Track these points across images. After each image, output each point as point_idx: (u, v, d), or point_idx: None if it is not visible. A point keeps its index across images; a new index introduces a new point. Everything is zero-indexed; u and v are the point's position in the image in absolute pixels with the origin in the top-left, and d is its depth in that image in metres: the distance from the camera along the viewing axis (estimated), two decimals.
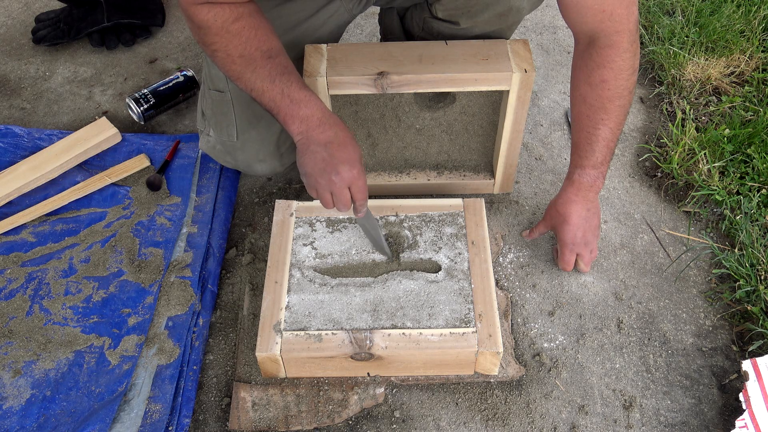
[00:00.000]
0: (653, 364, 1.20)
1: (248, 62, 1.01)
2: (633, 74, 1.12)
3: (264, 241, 1.37)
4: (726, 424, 1.12)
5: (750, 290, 1.25)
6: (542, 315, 1.26)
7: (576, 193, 1.23)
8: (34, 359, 1.16)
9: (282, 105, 1.02)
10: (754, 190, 1.42)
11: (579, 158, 1.21)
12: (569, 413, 1.14)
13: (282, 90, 1.02)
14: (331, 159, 1.03)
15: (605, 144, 1.17)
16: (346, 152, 1.03)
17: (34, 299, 1.24)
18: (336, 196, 1.06)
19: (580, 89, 1.16)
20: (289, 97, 1.02)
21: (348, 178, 1.04)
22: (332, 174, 1.03)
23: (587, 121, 1.16)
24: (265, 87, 1.02)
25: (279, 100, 1.02)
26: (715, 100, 1.64)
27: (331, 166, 1.03)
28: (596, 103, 1.14)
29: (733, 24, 1.76)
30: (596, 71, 1.12)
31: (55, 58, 1.80)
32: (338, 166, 1.03)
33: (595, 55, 1.11)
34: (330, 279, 1.19)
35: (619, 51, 1.09)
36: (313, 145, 1.03)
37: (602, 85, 1.12)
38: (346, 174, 1.03)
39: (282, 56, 1.04)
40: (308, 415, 1.12)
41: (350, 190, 1.06)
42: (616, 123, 1.15)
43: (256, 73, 1.01)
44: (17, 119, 1.64)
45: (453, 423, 1.12)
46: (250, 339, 1.21)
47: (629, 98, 1.14)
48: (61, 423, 1.09)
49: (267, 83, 1.02)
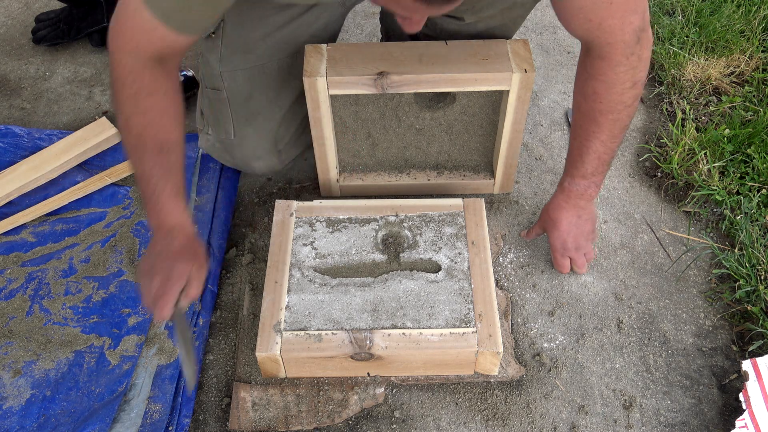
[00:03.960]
0: (653, 364, 1.20)
1: (140, 145, 1.02)
2: (631, 88, 1.06)
3: (264, 241, 1.37)
4: (726, 424, 1.12)
5: (750, 290, 1.25)
6: (542, 315, 1.26)
7: (566, 200, 1.23)
8: (34, 359, 1.16)
9: (149, 200, 1.04)
10: (754, 190, 1.42)
11: (570, 167, 1.21)
12: (569, 413, 1.14)
13: (155, 189, 1.03)
14: (167, 258, 1.04)
15: (596, 156, 1.15)
16: (183, 257, 1.03)
17: (34, 299, 1.24)
18: (157, 292, 1.03)
19: (576, 97, 1.13)
20: (157, 199, 1.03)
21: (175, 276, 1.03)
22: (161, 271, 1.03)
23: (580, 131, 1.14)
24: (144, 174, 1.03)
25: (148, 194, 1.04)
26: (715, 100, 1.64)
27: (163, 263, 1.03)
28: (588, 114, 1.11)
29: (733, 24, 1.76)
30: (589, 82, 1.08)
31: (55, 58, 1.80)
32: (172, 263, 1.03)
33: (589, 65, 1.07)
34: (330, 279, 1.19)
35: (611, 64, 1.03)
36: (158, 246, 1.05)
37: (594, 97, 1.08)
38: (176, 272, 1.03)
39: (173, 153, 1.04)
40: (308, 415, 1.12)
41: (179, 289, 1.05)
42: (609, 136, 1.12)
43: (142, 160, 1.03)
44: (17, 119, 1.64)
45: (453, 423, 1.12)
46: (250, 339, 1.21)
47: (626, 112, 1.09)
48: (61, 423, 1.09)
49: (146, 173, 1.03)
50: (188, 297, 1.04)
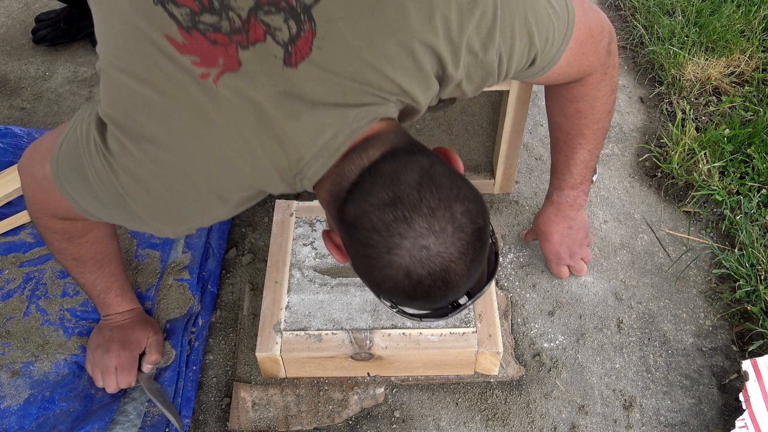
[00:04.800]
0: (653, 364, 1.20)
1: (79, 266, 1.06)
2: (611, 95, 1.05)
3: (264, 241, 1.37)
4: (726, 424, 1.12)
5: (750, 290, 1.25)
6: (542, 315, 1.26)
7: (556, 213, 1.23)
8: (32, 360, 1.16)
9: (95, 300, 1.13)
10: (754, 190, 1.41)
11: (557, 180, 1.19)
12: (569, 413, 1.14)
13: (100, 293, 1.11)
14: (111, 340, 1.13)
15: (584, 165, 1.14)
16: (138, 327, 1.15)
17: (31, 299, 1.24)
18: (105, 368, 1.12)
19: (555, 118, 1.11)
20: (104, 300, 1.12)
21: (133, 343, 1.14)
22: (117, 340, 1.13)
23: (565, 146, 1.13)
24: (87, 284, 1.09)
25: (94, 296, 1.12)
26: (715, 100, 1.64)
27: (120, 334, 1.13)
28: (573, 130, 1.09)
29: (733, 24, 1.76)
30: (570, 104, 1.05)
31: (55, 58, 1.80)
32: (129, 333, 1.14)
33: (566, 92, 1.04)
34: (330, 279, 1.19)
35: (592, 84, 1.01)
36: (105, 330, 1.15)
37: (578, 115, 1.06)
38: (133, 339, 1.14)
39: (114, 261, 1.09)
40: (308, 415, 1.12)
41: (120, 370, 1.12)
42: (595, 144, 1.11)
43: (83, 275, 1.08)
44: (17, 119, 1.64)
45: (453, 423, 1.12)
46: (250, 339, 1.21)
47: (609, 118, 1.08)
48: (60, 423, 1.08)
49: (89, 284, 1.09)
50: (150, 363, 1.14)
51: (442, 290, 0.70)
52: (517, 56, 0.81)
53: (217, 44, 0.69)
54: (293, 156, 0.73)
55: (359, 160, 0.72)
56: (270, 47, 0.69)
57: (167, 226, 0.82)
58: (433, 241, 0.68)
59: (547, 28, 0.83)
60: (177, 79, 0.70)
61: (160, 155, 0.73)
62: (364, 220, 0.69)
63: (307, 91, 0.70)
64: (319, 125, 0.71)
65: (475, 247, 0.70)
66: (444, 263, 0.69)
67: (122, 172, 0.75)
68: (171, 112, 0.71)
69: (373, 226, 0.68)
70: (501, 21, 0.76)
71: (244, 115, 0.70)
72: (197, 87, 0.69)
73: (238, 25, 0.68)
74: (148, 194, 0.76)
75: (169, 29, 0.69)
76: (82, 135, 0.78)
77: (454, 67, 0.76)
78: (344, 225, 0.72)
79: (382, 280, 0.70)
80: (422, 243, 0.67)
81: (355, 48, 0.70)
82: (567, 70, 0.94)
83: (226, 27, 0.68)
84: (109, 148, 0.75)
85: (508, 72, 0.83)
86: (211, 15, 0.68)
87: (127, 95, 0.72)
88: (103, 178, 0.77)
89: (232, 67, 0.69)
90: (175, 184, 0.75)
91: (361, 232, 0.69)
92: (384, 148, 0.72)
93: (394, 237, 0.67)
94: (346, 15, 0.69)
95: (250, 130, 0.71)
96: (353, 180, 0.71)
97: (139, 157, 0.74)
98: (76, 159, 0.79)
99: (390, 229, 0.68)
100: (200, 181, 0.75)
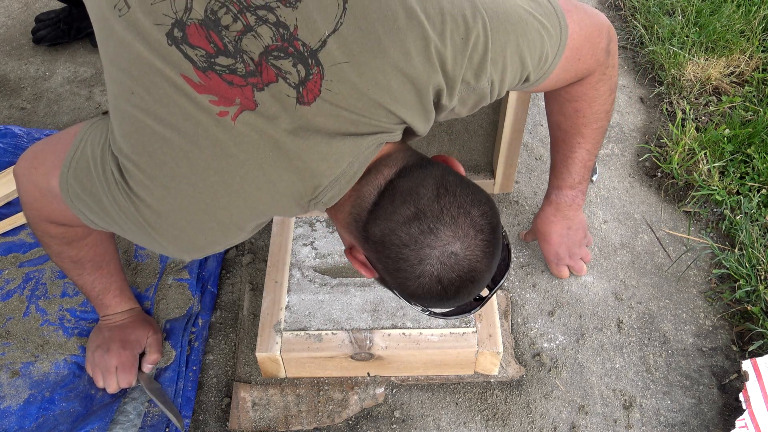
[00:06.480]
0: (653, 364, 1.20)
1: (77, 268, 1.06)
2: (610, 95, 1.05)
3: (264, 241, 1.37)
4: (726, 424, 1.12)
5: (750, 290, 1.25)
6: (542, 315, 1.26)
7: (555, 213, 1.24)
8: (32, 360, 1.16)
9: (94, 301, 1.13)
10: (754, 190, 1.41)
11: (556, 179, 1.20)
12: (569, 413, 1.14)
13: (98, 294, 1.11)
14: (121, 330, 1.14)
15: (582, 164, 1.15)
16: (137, 327, 1.16)
17: (31, 299, 1.24)
18: (105, 368, 1.12)
19: (553, 117, 1.12)
20: (102, 300, 1.13)
21: (133, 342, 1.14)
22: (117, 340, 1.14)
23: (563, 145, 1.14)
24: (85, 286, 1.10)
25: (93, 297, 1.12)
26: (715, 100, 1.64)
27: (120, 334, 1.14)
28: (572, 129, 1.10)
29: (733, 24, 1.76)
30: (569, 104, 1.06)
31: (55, 58, 1.80)
32: (128, 333, 1.15)
33: (564, 91, 1.04)
34: (330, 279, 1.19)
35: (591, 83, 1.02)
36: (104, 331, 1.15)
37: (576, 114, 1.07)
38: (133, 338, 1.14)
39: (111, 263, 1.10)
40: (308, 415, 1.12)
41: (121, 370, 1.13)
42: (594, 144, 1.12)
43: (81, 276, 1.09)
44: (17, 119, 1.64)
45: (453, 423, 1.12)
46: (250, 339, 1.21)
47: (607, 117, 1.09)
48: (60, 423, 1.08)
49: (87, 285, 1.09)
50: (150, 362, 1.15)
51: (470, 288, 0.77)
52: (509, 80, 0.85)
53: (233, 85, 0.72)
54: (310, 184, 0.77)
55: (375, 181, 0.77)
56: (283, 87, 0.73)
57: (186, 253, 0.84)
58: (459, 247, 0.73)
59: (540, 48, 0.86)
60: (195, 117, 0.73)
61: (182, 191, 0.76)
62: (392, 237, 0.74)
63: (321, 124, 0.74)
64: (336, 154, 0.76)
65: (494, 244, 0.76)
66: (471, 264, 0.74)
67: (144, 207, 0.77)
68: (191, 149, 0.74)
69: (402, 242, 0.73)
70: (492, 52, 0.80)
71: (263, 149, 0.74)
72: (216, 124, 0.73)
73: (251, 69, 0.72)
74: (170, 227, 0.79)
75: (186, 69, 0.72)
76: (96, 161, 0.80)
77: (449, 98, 0.81)
78: (370, 244, 0.76)
79: (416, 288, 0.75)
80: (450, 250, 0.73)
81: (362, 89, 0.74)
82: (564, 76, 0.96)
83: (242, 70, 0.72)
84: (130, 186, 0.77)
85: (500, 93, 0.87)
86: (226, 57, 0.72)
87: (145, 133, 0.75)
88: (124, 208, 0.79)
89: (249, 106, 0.73)
90: (197, 217, 0.78)
91: (390, 248, 0.74)
92: (396, 166, 0.78)
93: (424, 249, 0.72)
94: (350, 59, 0.73)
95: (269, 163, 0.75)
96: (373, 200, 0.76)
97: (161, 195, 0.76)
98: (89, 183, 0.81)
99: (419, 242, 0.72)
100: (221, 214, 0.78)
